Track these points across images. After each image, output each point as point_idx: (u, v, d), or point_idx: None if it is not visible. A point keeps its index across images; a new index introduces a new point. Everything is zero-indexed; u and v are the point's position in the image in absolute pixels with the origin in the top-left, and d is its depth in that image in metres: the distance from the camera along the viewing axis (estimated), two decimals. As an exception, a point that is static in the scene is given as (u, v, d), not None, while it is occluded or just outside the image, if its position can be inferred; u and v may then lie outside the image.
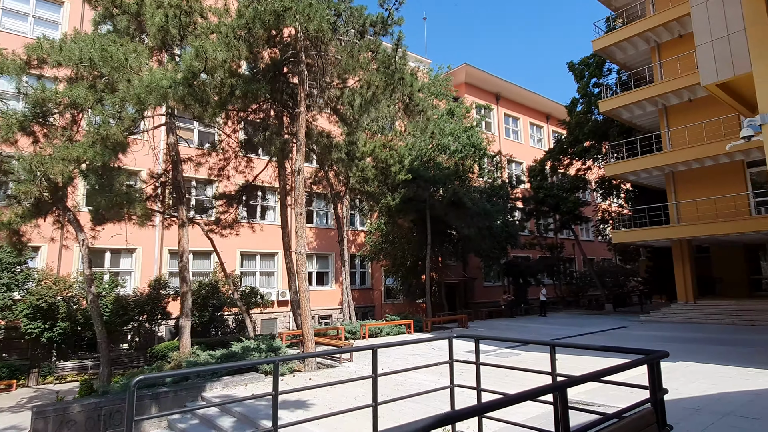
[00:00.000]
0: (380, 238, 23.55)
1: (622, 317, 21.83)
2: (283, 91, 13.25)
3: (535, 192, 28.47)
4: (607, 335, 15.45)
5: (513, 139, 37.34)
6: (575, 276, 32.39)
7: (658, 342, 13.28)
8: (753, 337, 13.58)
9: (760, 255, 22.30)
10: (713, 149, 17.88)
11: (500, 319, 23.31)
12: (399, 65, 10.32)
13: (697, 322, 18.34)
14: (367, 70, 10.25)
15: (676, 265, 20.20)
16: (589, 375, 3.45)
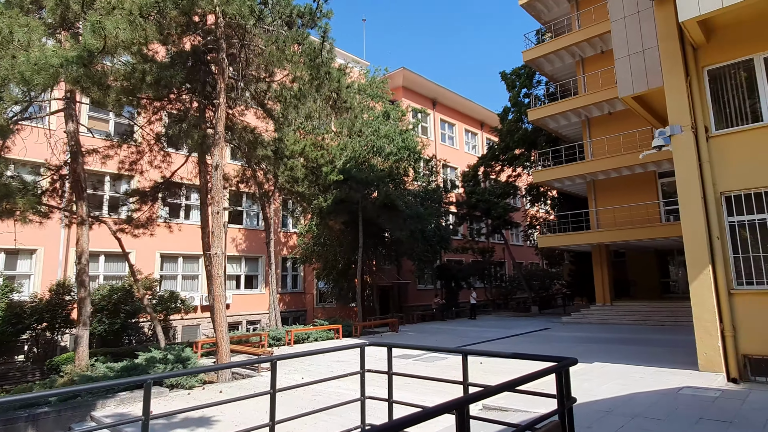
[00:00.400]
0: (311, 240, 22.92)
1: (546, 319, 22.58)
2: (206, 82, 12.39)
3: (468, 197, 29.00)
4: (531, 337, 15.80)
5: (448, 144, 37.95)
6: (505, 279, 33.33)
7: (577, 343, 13.71)
8: (662, 337, 14.36)
9: (669, 260, 23.95)
10: (629, 160, 18.92)
11: (432, 322, 23.39)
12: (326, 59, 9.89)
13: (613, 323, 19.28)
14: (293, 62, 9.73)
15: (595, 268, 21.19)
16: (496, 387, 3.18)
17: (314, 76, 9.91)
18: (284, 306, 27.40)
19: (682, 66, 9.48)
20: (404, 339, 16.17)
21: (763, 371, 8.35)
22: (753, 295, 8.56)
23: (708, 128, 9.29)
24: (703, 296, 8.76)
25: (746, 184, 8.77)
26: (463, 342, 15.00)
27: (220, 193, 9.88)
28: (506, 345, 14.12)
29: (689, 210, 9.13)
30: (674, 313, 18.56)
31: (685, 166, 9.25)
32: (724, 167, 9.02)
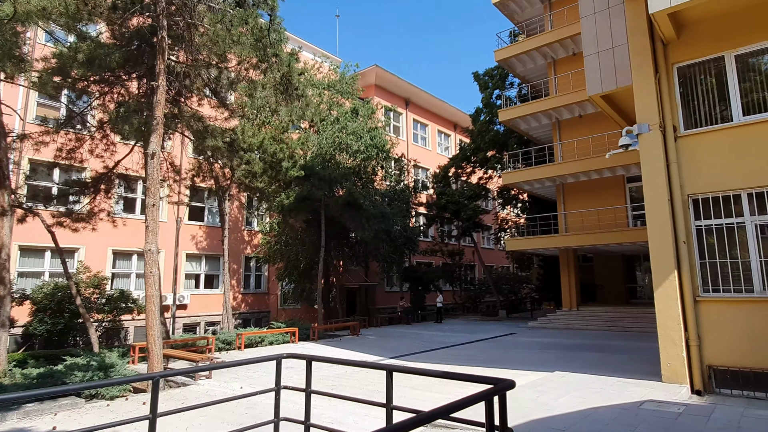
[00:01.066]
0: (273, 238, 22.01)
1: (513, 323, 22.22)
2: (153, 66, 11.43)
3: (438, 198, 28.51)
4: (495, 342, 15.30)
5: (421, 145, 37.47)
6: (474, 283, 32.99)
7: (541, 349, 13.25)
8: (626, 344, 14.05)
9: (636, 265, 23.93)
10: (598, 163, 18.69)
11: (397, 326, 22.75)
12: (273, 40, 9.12)
13: (578, 328, 19.00)
14: (240, 44, 8.93)
15: (562, 273, 20.92)
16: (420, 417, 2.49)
17: (261, 59, 9.14)
18: (246, 307, 26.37)
19: (652, 62, 9.07)
20: (364, 343, 15.46)
21: (727, 383, 7.96)
22: (719, 302, 8.17)
23: (676, 128, 8.90)
24: (668, 303, 8.33)
25: (714, 187, 8.39)
26: (425, 347, 14.39)
27: (157, 184, 8.99)
28: (470, 351, 13.57)
29: (655, 212, 8.70)
30: (639, 319, 18.38)
31: (652, 167, 8.83)
32: (692, 169, 8.63)
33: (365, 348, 14.25)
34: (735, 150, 8.27)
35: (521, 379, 8.97)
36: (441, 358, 12.13)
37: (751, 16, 8.32)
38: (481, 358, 12.04)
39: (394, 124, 35.16)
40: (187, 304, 23.28)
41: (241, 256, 26.20)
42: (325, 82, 24.71)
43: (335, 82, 25.05)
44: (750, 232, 8.07)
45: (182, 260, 23.62)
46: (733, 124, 8.40)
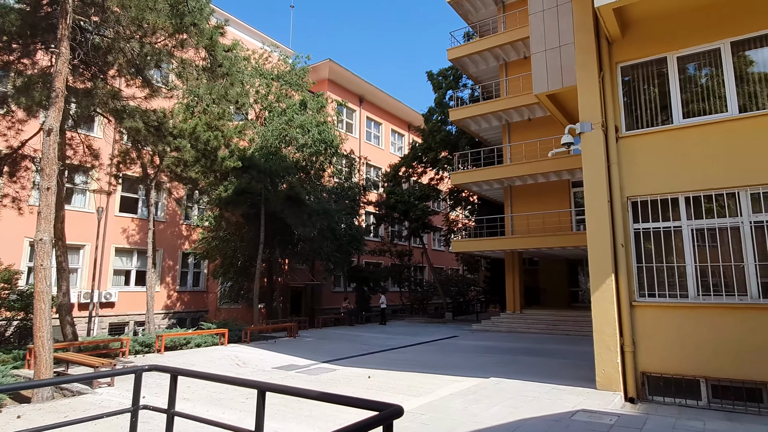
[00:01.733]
0: (211, 233, 20.77)
1: (458, 326, 21.99)
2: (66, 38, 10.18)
3: (387, 197, 27.99)
4: (436, 346, 14.86)
5: (374, 144, 36.93)
6: (423, 284, 32.73)
7: (480, 353, 12.90)
8: (566, 348, 13.95)
9: (579, 269, 24.31)
10: (545, 166, 18.70)
11: (339, 327, 22.00)
12: (192, 7, 8.21)
13: (521, 331, 18.94)
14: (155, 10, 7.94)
15: (507, 276, 20.86)
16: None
17: (177, 27, 8.21)
18: (182, 306, 24.90)
19: (596, 60, 8.82)
20: (299, 346, 14.64)
21: (660, 390, 7.76)
22: (654, 308, 7.97)
23: (618, 128, 8.68)
24: (604, 308, 8.06)
25: (653, 190, 8.20)
26: (363, 350, 13.74)
27: (53, 165, 7.85)
28: (408, 354, 13.03)
29: (595, 214, 8.43)
30: (579, 323, 18.52)
31: (593, 167, 8.56)
32: (633, 170, 8.42)
33: (298, 351, 13.44)
34: (674, 153, 8.11)
35: (455, 385, 8.48)
36: (377, 362, 11.52)
37: (695, 17, 8.20)
38: (418, 362, 11.51)
39: (347, 121, 34.47)
40: (115, 302, 21.63)
41: (178, 252, 24.69)
42: (273, 72, 23.69)
43: (285, 73, 24.07)
44: (686, 236, 7.92)
45: (111, 255, 21.94)
46: (673, 126, 8.25)
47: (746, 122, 7.63)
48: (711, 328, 7.50)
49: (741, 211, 7.54)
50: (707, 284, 7.68)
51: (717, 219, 7.70)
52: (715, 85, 8.13)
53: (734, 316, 7.37)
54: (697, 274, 7.78)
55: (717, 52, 8.10)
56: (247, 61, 22.52)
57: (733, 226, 7.58)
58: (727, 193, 7.67)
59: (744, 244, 7.44)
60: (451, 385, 8.44)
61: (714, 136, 7.85)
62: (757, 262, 7.32)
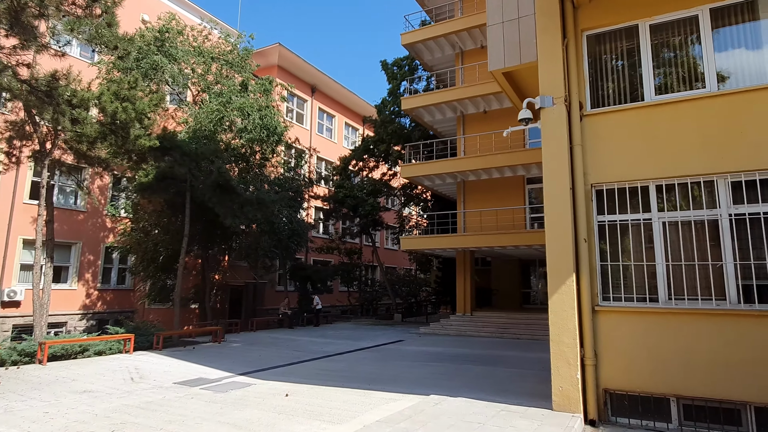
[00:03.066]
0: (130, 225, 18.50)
1: (406, 328, 20.69)
2: None
3: (336, 191, 26.36)
4: (377, 352, 13.42)
5: (326, 137, 35.24)
6: (374, 284, 31.30)
7: (424, 362, 11.55)
8: (517, 354, 12.86)
9: (532, 270, 23.58)
10: (501, 160, 17.68)
11: (276, 330, 20.21)
12: None
13: (471, 335, 17.83)
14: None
15: (458, 276, 19.74)
16: None
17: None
18: (104, 306, 22.39)
19: (560, 25, 7.60)
20: (222, 353, 12.82)
21: (625, 410, 6.60)
22: (619, 313, 6.81)
23: (583, 104, 7.49)
24: (564, 313, 6.83)
25: (621, 176, 7.06)
26: (294, 358, 12.11)
27: None
28: (343, 363, 11.51)
29: (555, 204, 7.20)
30: (531, 326, 17.61)
31: (554, 148, 7.33)
32: (598, 154, 7.25)
33: (217, 360, 11.63)
34: (645, 134, 6.99)
35: (388, 406, 7.03)
36: (304, 373, 9.92)
37: (670, -21, 7.12)
38: (352, 373, 10.01)
39: (298, 111, 32.65)
40: (21, 300, 19.00)
41: (101, 246, 22.14)
42: (213, 50, 21.61)
43: (225, 53, 22.04)
44: (657, 231, 6.81)
45: (17, 247, 19.27)
46: (643, 104, 7.13)
47: (726, 99, 6.60)
48: (683, 338, 6.40)
49: (719, 202, 6.48)
50: (681, 287, 6.58)
51: (692, 211, 6.63)
52: (692, 58, 7.07)
53: (710, 324, 6.30)
54: (668, 274, 6.68)
55: (694, 20, 7.04)
56: (181, 34, 20.36)
57: (711, 219, 6.51)
58: (704, 181, 6.60)
59: (722, 240, 6.38)
60: (383, 407, 6.99)
61: (690, 115, 6.77)
62: (738, 261, 6.28)
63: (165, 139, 14.12)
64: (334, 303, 29.92)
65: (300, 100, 33.24)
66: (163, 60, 18.94)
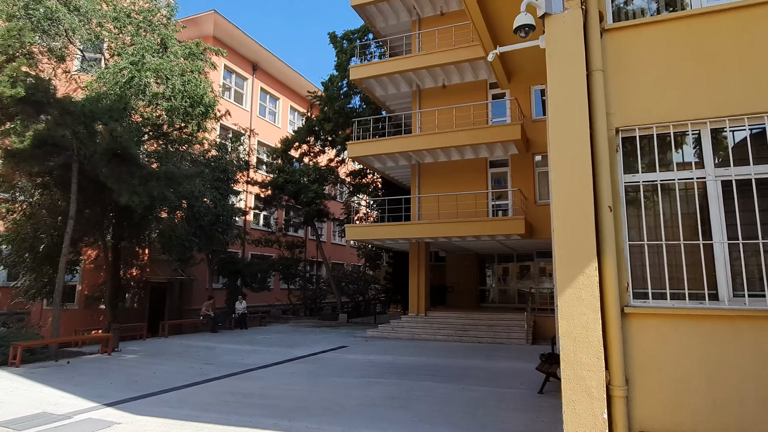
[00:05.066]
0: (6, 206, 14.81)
1: (351, 330, 18.11)
2: None
3: (275, 176, 23.33)
4: (313, 362, 10.75)
5: (269, 120, 32.04)
6: (317, 281, 28.44)
7: (371, 377, 9.02)
8: (482, 363, 10.60)
9: (488, 265, 21.65)
10: (461, 138, 15.45)
11: (197, 335, 17.08)
12: None
13: (425, 338, 15.50)
14: None
15: (411, 271, 17.36)
16: None
17: None
18: (-10, 305, 18.51)
19: None
20: (103, 370, 9.73)
21: (672, 467, 4.34)
22: (662, 317, 4.54)
23: (603, 16, 5.18)
24: (582, 319, 4.48)
25: (659, 117, 4.78)
26: (200, 375, 9.25)
27: None
28: (261, 383, 8.80)
29: (567, 154, 4.84)
30: (493, 328, 15.52)
31: (566, 73, 4.96)
32: (626, 84, 4.94)
33: (89, 381, 8.58)
34: (698, 54, 4.76)
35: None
36: (201, 402, 7.11)
37: None
38: (269, 400, 7.30)
39: (237, 90, 29.36)
40: None
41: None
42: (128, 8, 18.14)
43: (144, 11, 18.56)
44: (714, 194, 4.60)
45: None
46: (692, 12, 4.90)
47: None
48: (760, 355, 4.21)
49: (815, 151, 4.34)
50: (753, 281, 4.40)
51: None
52: (759, -50, 4.91)
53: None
54: (728, 258, 4.48)
55: None
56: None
57: (803, 176, 4.36)
58: (792, 120, 4.43)
59: (821, 207, 4.24)
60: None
61: (765, 23, 4.61)
62: None
63: (37, 90, 10.76)
64: (272, 302, 26.85)
65: (239, 78, 29.93)
66: (59, 7, 15.37)
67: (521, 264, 21.04)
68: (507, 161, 16.71)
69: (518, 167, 16.36)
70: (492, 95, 17.10)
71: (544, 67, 5.13)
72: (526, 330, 14.66)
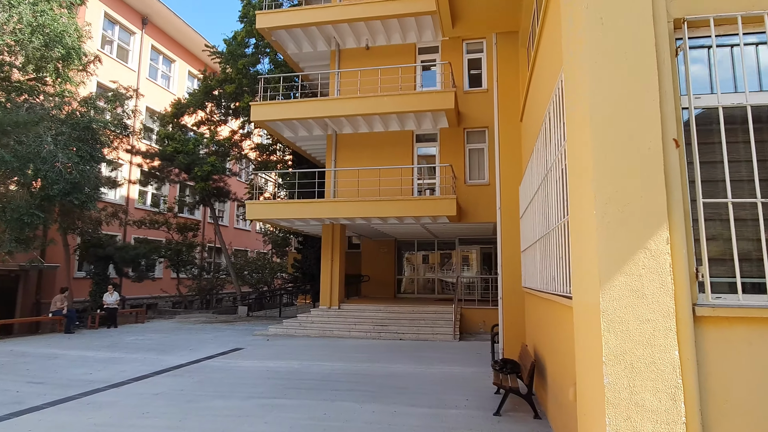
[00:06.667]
0: None
1: (252, 326, 15.40)
2: None
3: (163, 145, 19.64)
4: (190, 375, 8.07)
5: (161, 84, 27.60)
6: (215, 270, 24.97)
7: (269, 396, 6.63)
8: (412, 369, 8.65)
9: (405, 252, 19.99)
10: (386, 105, 13.37)
11: (39, 337, 13.38)
12: None
13: (340, 335, 13.31)
14: None
15: (324, 257, 15.03)
16: None
17: None
18: None
19: None
20: None
21: None
22: (755, 323, 2.74)
23: None
24: (644, 330, 2.53)
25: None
26: (16, 401, 6.25)
27: None
28: (107, 414, 6.06)
29: (614, 42, 2.87)
30: (415, 322, 13.75)
31: None
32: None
33: None
34: None
35: None
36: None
37: None
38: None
39: (121, 44, 24.70)
40: None
41: None
42: None
43: None
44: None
45: None
46: None
47: None
48: None
49: None
50: None
51: None
52: None
53: None
54: None
55: None
56: None
57: None
58: None
59: None
60: None
61: None
62: None
63: None
64: (161, 293, 23.02)
65: (125, 31, 25.28)
66: None
67: (442, 252, 19.63)
68: (436, 136, 14.96)
69: (448, 143, 14.67)
70: (422, 64, 15.19)
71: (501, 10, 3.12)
72: (453, 324, 13.05)
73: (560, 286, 4.55)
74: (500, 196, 8.81)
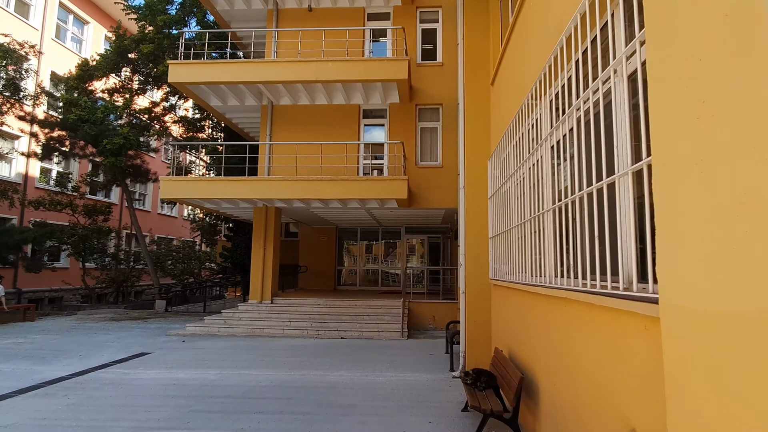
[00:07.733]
0: None
1: (167, 325, 13.25)
2: None
3: (65, 111, 16.73)
4: (71, 393, 6.11)
5: (72, 48, 24.11)
6: (126, 259, 22.11)
7: (158, 428, 4.90)
8: (357, 378, 7.16)
9: (346, 242, 18.45)
10: (330, 71, 11.66)
11: None
12: None
13: (271, 334, 11.54)
14: None
15: (255, 245, 13.14)
16: None
17: None
18: None
19: None
20: None
21: None
22: None
23: None
24: None
25: None
26: None
27: None
28: None
29: None
30: (358, 317, 12.26)
31: None
32: None
33: None
34: None
35: None
36: None
37: None
38: None
39: (20, -3, 21.13)
40: None
41: None
42: None
43: None
44: None
45: None
46: None
47: None
48: None
49: None
50: None
51: None
52: None
53: None
54: None
55: None
56: None
57: None
58: None
59: None
60: None
61: None
62: None
63: None
64: (60, 285, 19.95)
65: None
66: None
67: (387, 242, 18.26)
68: (385, 112, 13.46)
69: (398, 120, 13.23)
70: (372, 28, 13.59)
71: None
72: (401, 320, 11.69)
73: (597, 284, 3.20)
74: (465, 173, 7.45)
